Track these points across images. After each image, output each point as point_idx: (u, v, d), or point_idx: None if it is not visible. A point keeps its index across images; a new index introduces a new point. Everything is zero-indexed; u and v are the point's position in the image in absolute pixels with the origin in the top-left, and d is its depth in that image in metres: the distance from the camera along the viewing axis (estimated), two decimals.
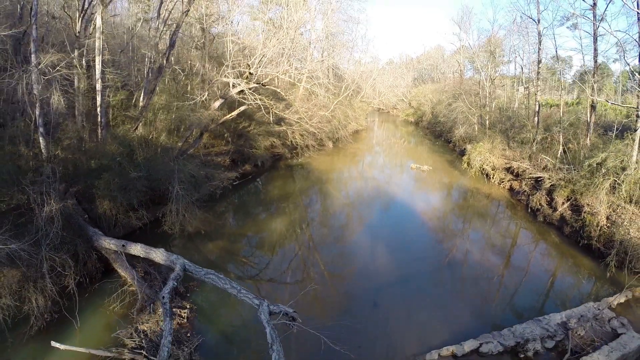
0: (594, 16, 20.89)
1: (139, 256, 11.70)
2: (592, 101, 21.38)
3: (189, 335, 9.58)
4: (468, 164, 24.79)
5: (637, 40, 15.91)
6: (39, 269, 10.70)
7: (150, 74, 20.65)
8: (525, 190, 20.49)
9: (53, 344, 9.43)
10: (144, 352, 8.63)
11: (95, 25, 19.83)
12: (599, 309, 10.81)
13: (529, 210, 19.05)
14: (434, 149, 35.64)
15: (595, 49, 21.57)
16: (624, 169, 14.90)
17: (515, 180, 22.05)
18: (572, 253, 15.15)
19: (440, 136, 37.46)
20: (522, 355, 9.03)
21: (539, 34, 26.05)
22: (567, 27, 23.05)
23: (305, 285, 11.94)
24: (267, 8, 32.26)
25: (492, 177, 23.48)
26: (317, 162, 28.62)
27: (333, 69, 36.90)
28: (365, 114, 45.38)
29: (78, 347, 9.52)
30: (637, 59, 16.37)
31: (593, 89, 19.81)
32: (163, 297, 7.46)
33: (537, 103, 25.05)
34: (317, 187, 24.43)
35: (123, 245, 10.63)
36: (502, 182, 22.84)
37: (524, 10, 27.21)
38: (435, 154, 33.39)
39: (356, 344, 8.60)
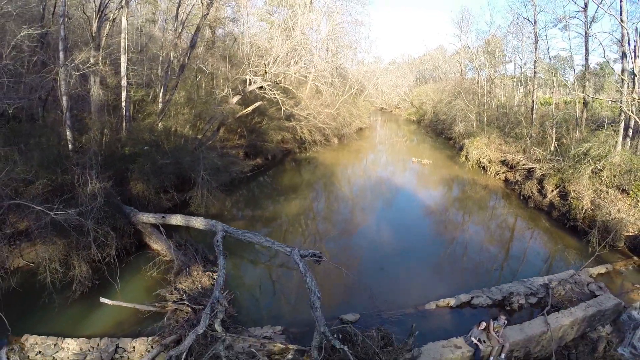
0: (585, 17, 22.38)
1: (176, 227, 13.22)
2: (584, 98, 22.90)
3: (222, 292, 11.09)
4: (466, 157, 26.32)
5: (619, 40, 17.37)
6: (85, 238, 12.14)
7: (169, 72, 22.20)
8: (518, 180, 22.00)
9: (102, 299, 10.91)
10: (186, 302, 10.14)
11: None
12: (579, 276, 12.25)
13: (522, 197, 20.62)
14: (434, 145, 37.13)
15: (587, 49, 23.02)
16: (606, 156, 16.37)
17: (510, 171, 23.55)
18: (559, 234, 16.65)
19: (441, 134, 38.98)
20: (508, 308, 10.52)
21: (535, 35, 27.46)
22: (559, 29, 24.42)
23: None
24: (273, 10, 33.90)
25: (489, 170, 24.97)
26: (324, 156, 30.14)
27: (337, 69, 38.47)
28: (368, 112, 46.90)
29: (124, 302, 11.01)
30: (620, 57, 17.81)
31: (584, 86, 21.27)
32: (217, 240, 9.00)
33: (532, 101, 26.49)
34: (325, 177, 25.98)
35: (163, 217, 12.14)
36: (498, 173, 24.35)
37: (520, 13, 28.57)
38: (436, 150, 34.90)
39: (367, 296, 10.07)
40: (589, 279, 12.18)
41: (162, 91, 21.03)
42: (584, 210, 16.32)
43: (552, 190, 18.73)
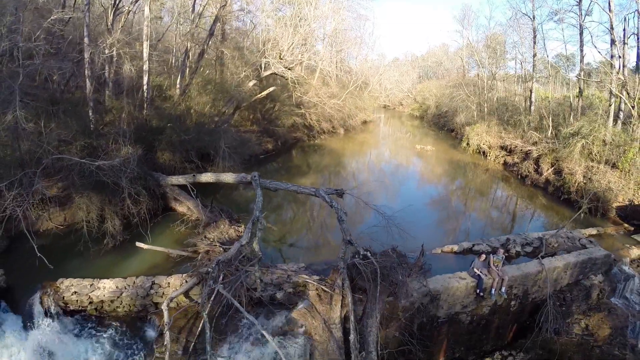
0: (580, 11, 23.78)
1: (202, 192, 14.32)
2: (579, 87, 24.40)
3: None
4: (467, 143, 27.67)
5: (609, 29, 18.77)
6: (120, 194, 13.20)
7: (186, 59, 23.57)
8: (516, 162, 23.45)
9: (137, 244, 11.93)
10: (218, 244, 11.27)
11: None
12: (571, 232, 13.41)
13: (519, 177, 22.17)
14: (437, 137, 38.63)
15: (581, 41, 24.37)
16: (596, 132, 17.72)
17: (509, 155, 24.95)
18: (554, 206, 17.99)
19: (443, 127, 40.51)
20: (505, 254, 11.63)
21: (534, 30, 28.78)
22: (555, 22, 25.83)
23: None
24: (280, 6, 35.35)
25: (489, 155, 26.33)
26: (332, 144, 31.48)
27: (342, 63, 39.89)
28: (372, 108, 48.32)
29: (158, 246, 12.08)
30: (610, 44, 19.21)
31: (580, 74, 22.67)
32: (254, 176, 10.20)
33: (530, 90, 27.82)
34: (335, 160, 27.42)
35: (193, 176, 13.31)
36: (497, 157, 25.76)
37: (519, 8, 29.85)
38: (439, 140, 36.42)
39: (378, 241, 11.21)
40: (580, 235, 13.34)
41: (180, 77, 22.38)
42: (576, 184, 17.58)
43: (548, 169, 20.02)
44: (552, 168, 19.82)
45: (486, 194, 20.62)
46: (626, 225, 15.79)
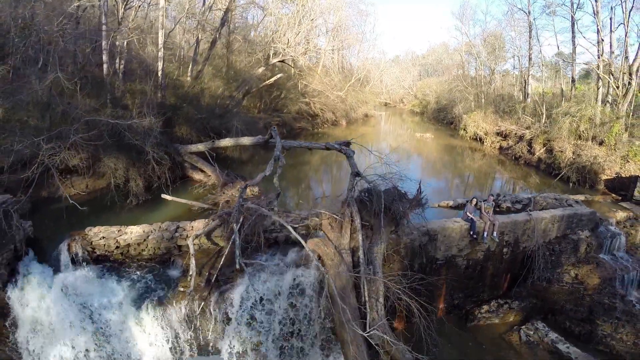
0: (572, 4, 25.17)
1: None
2: (571, 77, 25.72)
3: (262, 197, 13.33)
4: (465, 130, 28.91)
5: (594, 15, 20.13)
6: (144, 158, 14.33)
7: (197, 48, 24.90)
8: (511, 145, 24.71)
9: (163, 196, 12.96)
10: (237, 196, 12.38)
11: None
12: (559, 195, 14.50)
13: (513, 158, 23.59)
14: (437, 129, 40.07)
15: (573, 32, 25.70)
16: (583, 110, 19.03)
17: (504, 140, 26.20)
18: (546, 180, 19.20)
19: (443, 120, 41.89)
20: (497, 209, 12.74)
21: (530, 25, 30.16)
22: (547, 14, 27.20)
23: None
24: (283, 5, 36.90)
25: (485, 140, 27.59)
26: (335, 133, 32.66)
27: (344, 58, 41.32)
28: (373, 104, 49.71)
29: (181, 199, 13.18)
30: (597, 33, 20.53)
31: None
32: (273, 127, 11.39)
33: (525, 80, 29.12)
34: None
35: (212, 141, 14.49)
36: (493, 143, 27.02)
37: (515, 3, 31.29)
38: (438, 131, 37.84)
39: None
40: (567, 197, 14.42)
41: (192, 64, 23.68)
42: (566, 160, 18.77)
43: (540, 149, 21.25)
44: (544, 148, 21.05)
45: (481, 172, 21.87)
46: (614, 195, 16.91)
